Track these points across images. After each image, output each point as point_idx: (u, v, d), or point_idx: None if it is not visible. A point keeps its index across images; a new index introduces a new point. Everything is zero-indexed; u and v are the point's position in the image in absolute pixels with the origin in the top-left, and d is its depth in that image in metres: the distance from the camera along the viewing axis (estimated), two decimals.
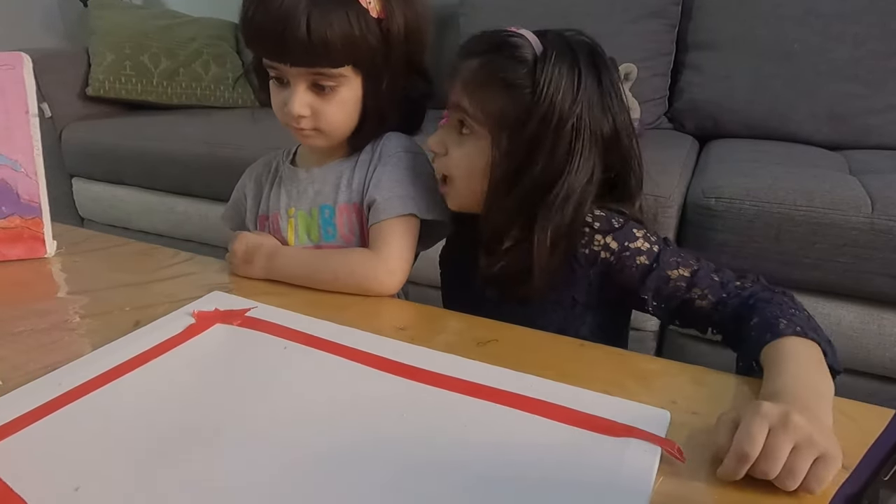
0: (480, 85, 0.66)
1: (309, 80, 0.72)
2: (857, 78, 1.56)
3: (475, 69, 0.67)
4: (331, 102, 0.73)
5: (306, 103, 0.73)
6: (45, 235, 0.86)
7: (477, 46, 0.69)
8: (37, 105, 0.85)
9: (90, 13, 2.19)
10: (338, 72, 0.71)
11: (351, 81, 0.73)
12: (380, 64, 0.73)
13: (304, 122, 0.74)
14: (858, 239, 1.09)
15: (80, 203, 2.09)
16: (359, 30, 0.69)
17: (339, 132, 0.77)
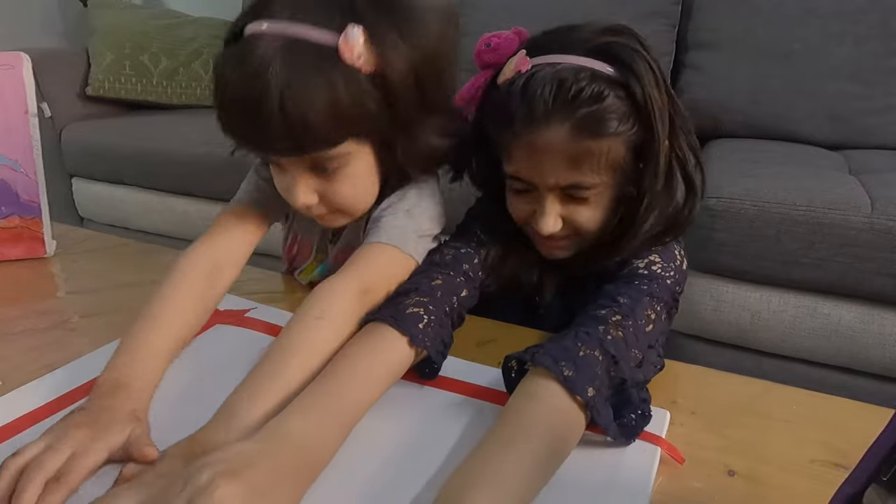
0: (591, 152, 0.55)
1: (308, 163, 0.58)
2: (858, 78, 1.55)
3: (572, 141, 0.54)
4: (339, 182, 0.60)
5: (311, 190, 0.60)
6: (45, 235, 0.86)
7: (542, 112, 0.54)
8: (36, 105, 0.85)
9: (90, 13, 2.19)
10: (336, 152, 0.57)
11: (358, 153, 0.59)
12: (387, 126, 0.58)
13: (317, 210, 0.62)
14: (858, 239, 1.09)
15: (79, 203, 2.09)
16: (349, 97, 0.54)
17: (360, 207, 0.64)
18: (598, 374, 0.48)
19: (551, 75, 0.54)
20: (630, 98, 0.55)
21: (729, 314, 1.24)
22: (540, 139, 0.55)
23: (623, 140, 0.55)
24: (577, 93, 0.53)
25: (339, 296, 0.56)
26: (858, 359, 1.18)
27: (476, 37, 1.53)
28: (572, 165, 0.55)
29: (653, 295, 0.57)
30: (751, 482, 0.45)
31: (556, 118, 0.54)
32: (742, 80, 1.65)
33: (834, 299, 1.17)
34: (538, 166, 0.57)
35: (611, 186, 0.59)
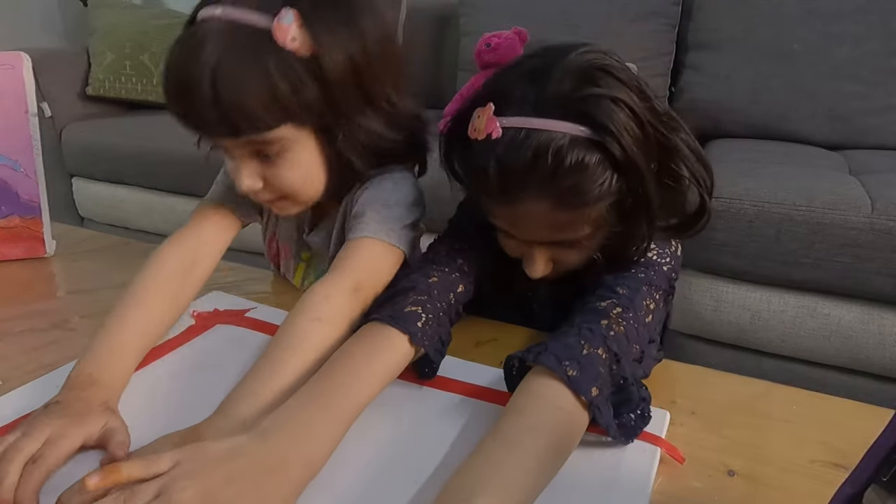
0: (571, 219, 0.53)
1: (248, 150, 0.59)
2: (857, 78, 1.56)
3: (551, 211, 0.52)
4: (282, 168, 0.60)
5: (255, 174, 0.60)
6: (45, 235, 0.86)
7: (518, 190, 0.51)
8: (36, 105, 0.85)
9: (90, 13, 2.19)
10: (273, 136, 0.57)
11: (298, 139, 0.59)
12: (326, 111, 0.58)
13: (263, 195, 0.62)
14: (858, 239, 1.09)
15: (80, 203, 2.09)
16: (282, 80, 0.54)
17: (308, 194, 0.64)
18: (602, 373, 0.48)
19: (526, 146, 0.49)
20: (607, 157, 0.50)
21: (729, 314, 1.24)
22: (520, 209, 0.53)
23: (606, 199, 0.52)
24: (557, 165, 0.49)
25: (333, 296, 0.56)
26: (858, 359, 1.18)
27: (476, 37, 1.53)
28: (554, 231, 0.54)
29: (651, 283, 0.57)
30: (751, 482, 0.45)
31: (534, 194, 0.51)
32: (742, 81, 1.65)
33: (834, 299, 1.17)
34: (522, 229, 0.56)
35: (595, 233, 0.56)
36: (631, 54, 1.64)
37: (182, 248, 0.65)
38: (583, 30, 1.74)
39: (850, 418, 0.54)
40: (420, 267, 0.62)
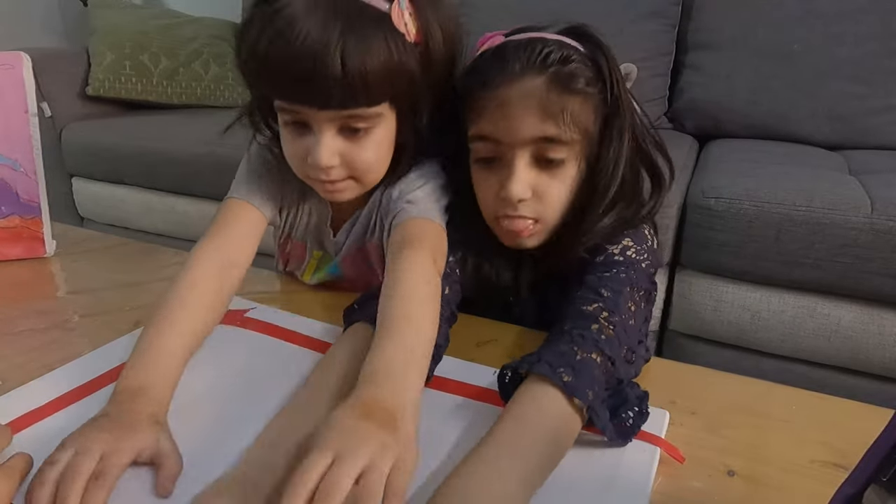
0: (562, 104, 0.57)
1: (339, 123, 0.59)
2: (857, 78, 1.55)
3: (545, 90, 0.57)
4: (364, 146, 0.61)
5: (335, 151, 0.60)
6: (45, 235, 0.86)
7: (517, 67, 0.58)
8: (36, 104, 0.85)
9: (90, 13, 2.18)
10: (374, 111, 0.59)
11: (386, 118, 0.61)
12: (418, 96, 0.62)
13: (335, 173, 0.62)
14: (858, 239, 1.09)
15: (79, 203, 2.09)
16: (398, 58, 0.56)
17: (374, 175, 0.65)
18: (597, 376, 0.48)
19: (524, 42, 0.59)
20: (596, 69, 0.59)
21: (729, 314, 1.23)
22: (513, 91, 0.57)
23: (591, 103, 0.59)
24: (547, 55, 0.57)
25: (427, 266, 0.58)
26: (858, 359, 1.18)
27: (476, 36, 1.53)
28: (544, 116, 0.57)
29: (632, 284, 0.58)
30: (750, 482, 0.45)
31: (528, 73, 0.57)
32: (742, 81, 1.65)
33: (834, 299, 1.17)
34: (510, 119, 0.58)
35: (577, 156, 0.60)
36: (631, 54, 1.63)
37: (219, 249, 0.64)
38: None
39: (850, 418, 0.54)
40: None
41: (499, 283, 0.68)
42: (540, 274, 0.68)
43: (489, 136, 0.60)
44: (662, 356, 0.57)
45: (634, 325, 0.55)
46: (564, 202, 0.61)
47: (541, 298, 0.69)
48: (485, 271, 0.68)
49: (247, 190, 0.69)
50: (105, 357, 0.59)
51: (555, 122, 0.57)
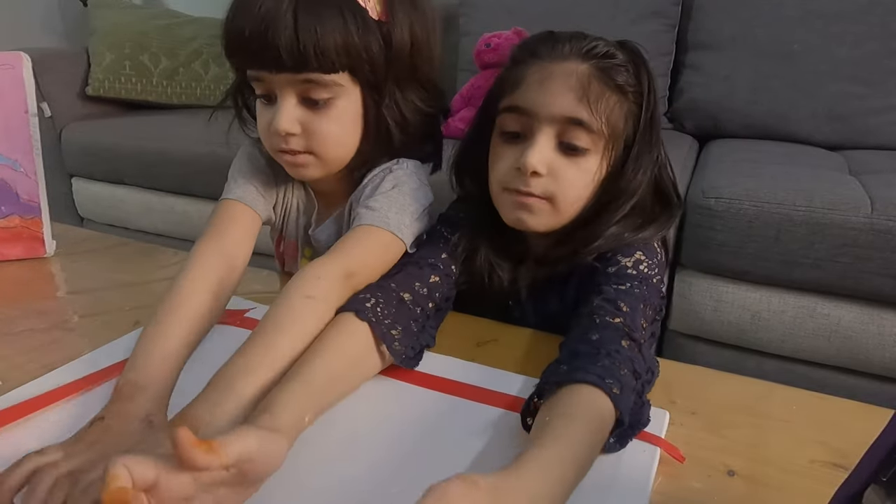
0: (600, 93, 0.58)
1: (299, 90, 0.62)
2: (857, 78, 1.56)
3: (588, 75, 0.58)
4: (325, 117, 0.63)
5: (295, 118, 0.62)
6: (45, 235, 0.86)
7: (567, 49, 0.60)
8: (36, 105, 0.85)
9: (90, 13, 2.18)
10: (331, 79, 0.61)
11: (348, 92, 0.63)
12: (382, 73, 0.63)
13: (294, 142, 0.63)
14: (858, 239, 1.09)
15: (79, 203, 2.09)
16: (355, 30, 0.60)
17: (336, 155, 0.66)
18: (633, 396, 0.48)
19: (577, 34, 0.62)
20: (637, 78, 0.61)
21: (729, 314, 1.24)
22: (558, 66, 0.59)
23: (625, 106, 0.60)
24: (594, 47, 0.60)
25: (323, 277, 0.57)
26: (858, 359, 1.18)
27: (476, 37, 1.54)
28: (581, 98, 0.58)
29: (646, 301, 0.58)
30: (750, 482, 0.45)
31: (575, 57, 0.60)
32: (742, 81, 1.65)
33: (834, 299, 1.17)
34: (547, 93, 0.59)
35: (601, 152, 0.60)
36: None
37: (219, 248, 0.64)
38: (582, 29, 1.74)
39: (850, 418, 0.54)
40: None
41: (498, 282, 0.68)
42: (539, 277, 0.68)
43: (522, 106, 0.60)
44: (662, 356, 0.56)
45: (648, 347, 0.56)
46: (580, 193, 0.61)
47: (539, 303, 0.69)
48: (481, 267, 0.68)
49: (238, 190, 0.70)
50: (104, 356, 0.59)
51: (588, 107, 0.58)
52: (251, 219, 0.70)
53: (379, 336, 0.54)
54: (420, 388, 0.55)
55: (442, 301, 0.64)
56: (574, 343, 0.52)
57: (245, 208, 0.69)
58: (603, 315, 0.54)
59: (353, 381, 0.54)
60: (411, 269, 0.62)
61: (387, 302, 0.57)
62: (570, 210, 0.62)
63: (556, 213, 0.62)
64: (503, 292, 0.68)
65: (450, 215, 0.72)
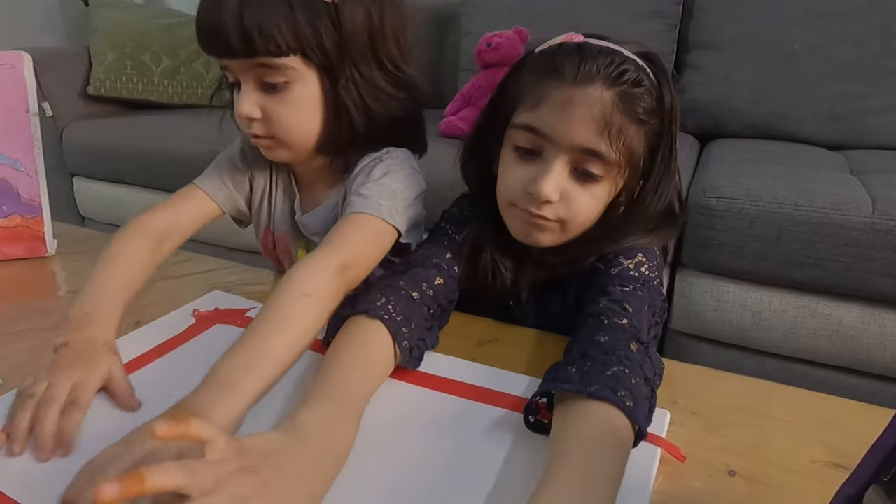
0: (622, 125, 0.56)
1: (255, 75, 0.64)
2: (858, 78, 1.55)
3: (612, 106, 0.56)
4: (282, 102, 0.65)
5: (255, 103, 0.65)
6: (46, 234, 0.86)
7: (593, 71, 0.56)
8: (38, 104, 0.85)
9: (91, 12, 2.19)
10: (282, 62, 0.62)
11: (304, 77, 0.64)
12: (335, 56, 0.64)
13: (256, 127, 0.66)
14: (859, 239, 1.08)
15: (81, 202, 2.09)
16: (302, 13, 0.61)
17: (298, 139, 0.68)
18: (646, 402, 0.47)
19: (605, 48, 0.58)
20: (660, 101, 0.59)
21: (730, 314, 1.23)
22: (581, 94, 0.56)
23: (644, 132, 0.58)
24: (624, 72, 0.56)
25: (320, 273, 0.57)
26: (859, 359, 1.18)
27: (477, 36, 1.53)
28: (600, 131, 0.56)
29: (650, 304, 0.57)
30: (751, 482, 0.45)
31: (602, 80, 0.56)
32: (743, 80, 1.65)
33: (835, 299, 1.17)
34: (569, 121, 0.56)
35: (615, 178, 0.59)
36: None
37: (158, 221, 0.70)
38: (584, 29, 1.72)
39: (851, 418, 0.54)
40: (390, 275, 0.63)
41: (500, 280, 0.68)
42: (540, 277, 0.68)
43: (540, 129, 0.58)
44: (663, 356, 0.56)
45: (651, 347, 0.55)
46: (590, 216, 0.61)
47: (540, 304, 0.69)
48: (489, 265, 0.67)
49: (205, 179, 0.77)
50: None
51: (608, 140, 0.56)
52: (202, 203, 0.75)
53: (392, 333, 0.54)
54: (422, 389, 0.55)
55: (447, 303, 0.64)
56: (583, 345, 0.52)
57: (201, 193, 0.75)
58: (611, 316, 0.54)
59: (374, 388, 0.53)
60: (418, 270, 0.62)
61: (397, 300, 0.57)
62: (578, 230, 0.62)
63: (564, 233, 0.62)
64: (505, 292, 0.68)
65: (454, 213, 0.72)
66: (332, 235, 0.62)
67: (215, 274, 0.80)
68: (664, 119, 0.59)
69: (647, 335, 0.54)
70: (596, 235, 0.62)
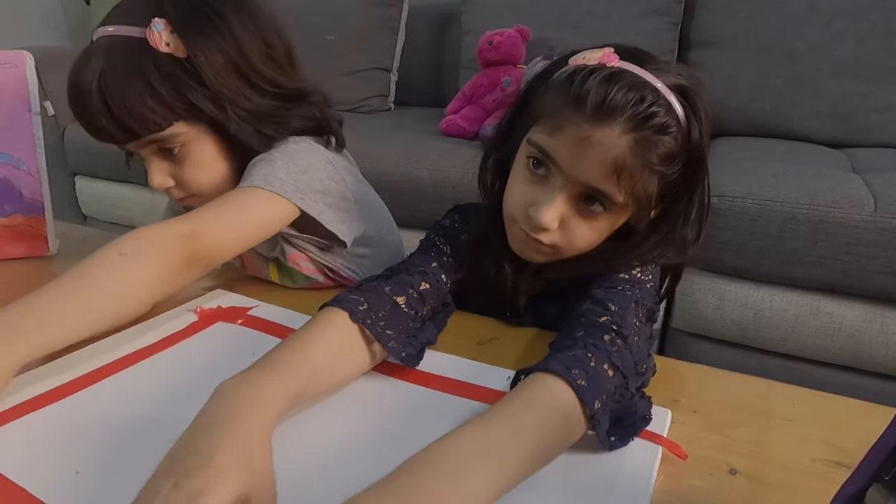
0: (633, 171, 0.54)
1: (151, 149, 0.66)
2: (860, 76, 1.55)
3: (627, 152, 0.53)
4: (187, 165, 0.67)
5: (164, 172, 0.68)
6: (48, 234, 0.86)
7: (617, 108, 0.53)
8: (39, 103, 0.85)
9: (93, 11, 2.19)
10: (168, 133, 0.64)
11: (197, 137, 0.66)
12: (213, 107, 0.64)
13: (175, 193, 0.69)
14: (861, 237, 1.08)
15: (83, 201, 2.09)
16: (164, 82, 0.62)
17: (214, 188, 0.69)
18: (608, 389, 0.47)
19: (637, 84, 0.53)
20: (685, 147, 0.56)
21: (731, 312, 1.24)
22: (600, 133, 0.53)
23: (659, 177, 0.56)
24: (651, 115, 0.53)
25: (149, 235, 0.57)
26: (861, 358, 1.18)
27: (478, 35, 1.53)
28: (611, 174, 0.54)
29: (638, 302, 0.57)
30: (752, 481, 0.45)
31: (620, 122, 0.53)
32: (744, 79, 1.65)
33: (836, 298, 1.17)
34: (580, 157, 0.54)
35: (618, 215, 0.58)
36: None
37: None
38: (585, 28, 1.74)
39: (853, 417, 0.54)
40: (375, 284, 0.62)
41: (502, 283, 0.67)
42: (539, 285, 0.67)
43: (552, 156, 0.56)
44: (665, 354, 0.56)
45: (639, 342, 0.54)
46: (587, 245, 0.60)
47: (538, 315, 0.69)
48: (491, 268, 0.67)
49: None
50: (107, 351, 0.58)
51: (617, 184, 0.54)
52: None
53: (374, 336, 0.54)
54: (421, 388, 0.55)
55: (438, 306, 0.64)
56: (557, 341, 0.53)
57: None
58: (590, 315, 0.54)
59: (339, 376, 0.53)
60: (402, 276, 0.61)
61: (379, 306, 0.56)
62: (572, 254, 0.61)
63: (558, 256, 0.61)
64: (504, 298, 0.68)
65: (446, 225, 0.72)
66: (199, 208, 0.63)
67: (218, 272, 0.80)
68: (689, 160, 0.56)
69: (634, 329, 0.53)
70: (597, 259, 0.61)
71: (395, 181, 1.39)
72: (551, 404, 0.44)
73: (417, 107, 2.13)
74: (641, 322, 0.56)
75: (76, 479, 0.43)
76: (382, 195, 0.87)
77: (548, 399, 0.44)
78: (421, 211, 1.37)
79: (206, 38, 0.63)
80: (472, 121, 1.59)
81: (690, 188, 0.59)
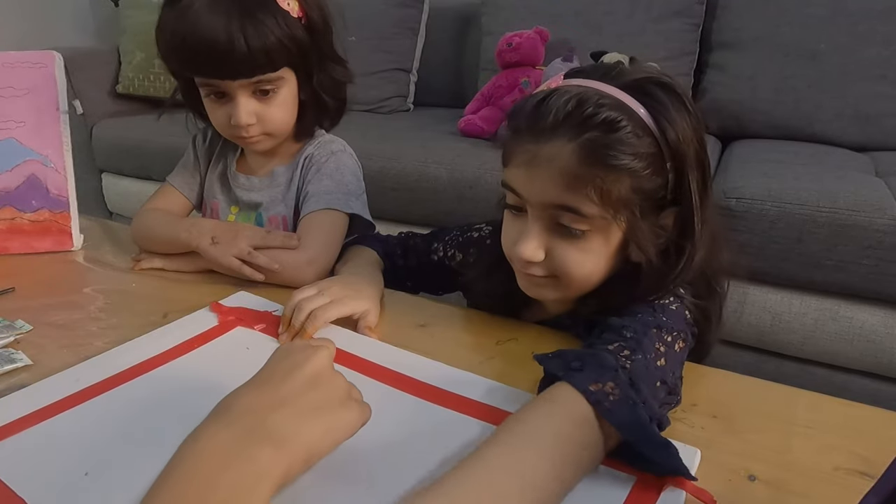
0: (590, 177, 0.51)
1: (251, 88, 0.76)
2: (885, 78, 1.53)
3: (575, 159, 0.51)
4: (274, 105, 0.78)
5: (252, 111, 0.77)
6: (73, 229, 0.88)
7: (554, 123, 0.52)
8: (67, 102, 0.87)
9: (121, 13, 2.22)
10: (277, 75, 0.76)
11: (288, 81, 0.78)
12: (310, 59, 0.79)
13: (253, 130, 0.78)
14: (883, 241, 1.07)
15: (108, 198, 2.12)
16: (288, 32, 0.74)
17: (284, 131, 0.82)
18: (612, 377, 0.45)
19: (575, 93, 0.52)
20: (653, 143, 0.52)
21: (750, 316, 1.22)
22: (541, 150, 0.52)
23: (633, 179, 0.52)
24: (591, 115, 0.51)
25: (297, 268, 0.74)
26: (881, 363, 1.16)
27: (498, 36, 1.54)
28: (567, 186, 0.52)
29: (661, 326, 0.53)
30: (772, 488, 0.45)
31: (561, 133, 0.51)
32: (766, 80, 1.63)
33: (857, 302, 1.15)
34: (532, 179, 0.54)
35: (606, 229, 0.54)
36: (654, 53, 1.63)
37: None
38: (606, 29, 1.73)
39: (877, 426, 0.53)
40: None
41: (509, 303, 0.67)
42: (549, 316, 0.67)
43: (512, 187, 0.56)
44: None
45: (665, 367, 0.51)
46: (588, 270, 0.56)
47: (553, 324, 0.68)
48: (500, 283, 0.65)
49: (182, 177, 0.92)
50: (124, 355, 0.58)
51: (577, 194, 0.52)
52: (182, 200, 0.91)
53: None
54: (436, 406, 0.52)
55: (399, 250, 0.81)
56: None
57: (177, 193, 0.91)
58: (601, 344, 0.51)
59: None
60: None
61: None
62: (583, 284, 0.58)
63: (566, 288, 0.58)
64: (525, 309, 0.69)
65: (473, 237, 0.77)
66: (302, 234, 0.78)
67: None
68: (672, 158, 0.53)
69: (650, 353, 0.50)
70: (616, 290, 0.58)
71: (414, 180, 1.39)
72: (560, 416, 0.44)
73: (437, 107, 2.14)
74: (669, 346, 0.53)
75: (85, 480, 0.43)
76: (401, 194, 0.88)
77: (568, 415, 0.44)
78: (439, 210, 1.38)
79: (316, 7, 0.78)
80: (490, 121, 1.60)
81: (686, 194, 0.55)
